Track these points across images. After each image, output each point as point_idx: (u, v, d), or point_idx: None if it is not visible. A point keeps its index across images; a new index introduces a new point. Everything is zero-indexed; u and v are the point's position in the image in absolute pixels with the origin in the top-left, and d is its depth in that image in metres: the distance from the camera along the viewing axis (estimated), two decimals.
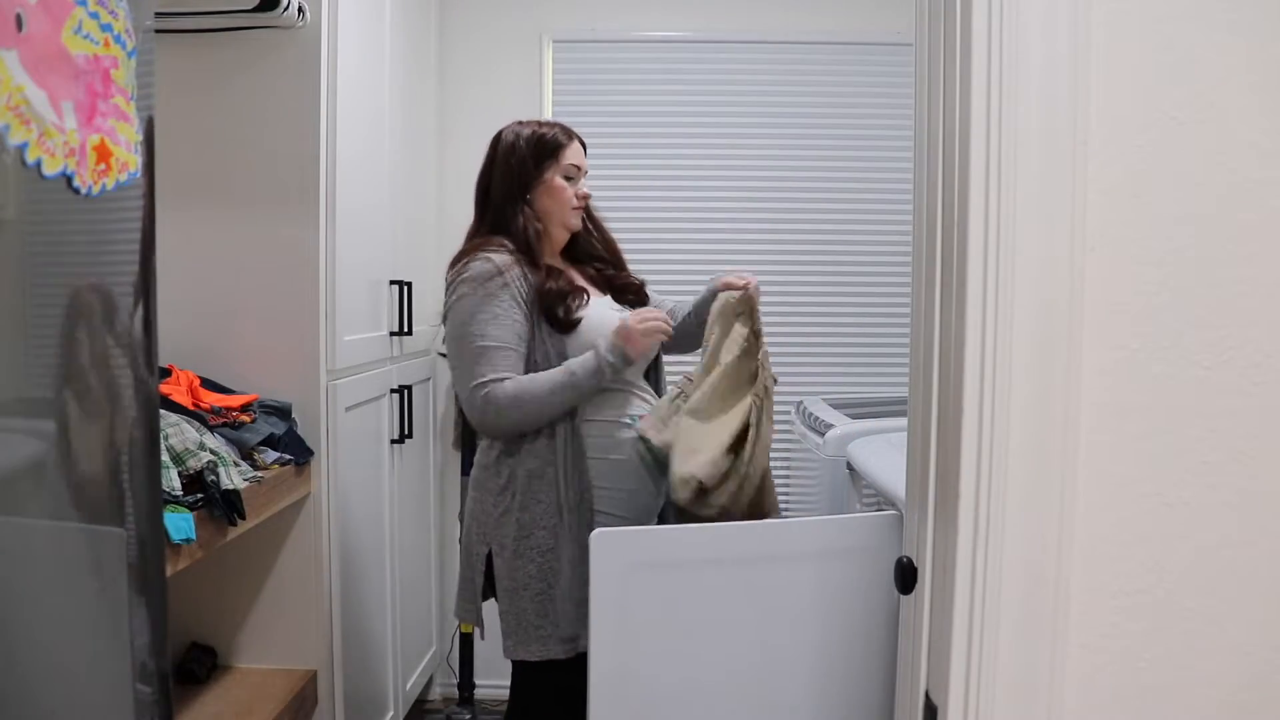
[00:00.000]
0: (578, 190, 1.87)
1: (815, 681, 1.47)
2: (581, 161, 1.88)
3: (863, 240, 2.94)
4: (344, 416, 2.10)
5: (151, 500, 1.05)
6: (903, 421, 1.14)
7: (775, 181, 2.94)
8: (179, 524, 1.46)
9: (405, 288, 2.44)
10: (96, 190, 0.89)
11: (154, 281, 1.02)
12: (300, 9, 1.92)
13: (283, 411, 1.95)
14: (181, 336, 1.88)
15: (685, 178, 2.95)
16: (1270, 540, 0.93)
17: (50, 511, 0.87)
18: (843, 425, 2.29)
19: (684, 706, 1.47)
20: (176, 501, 1.50)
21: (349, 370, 2.14)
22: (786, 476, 2.96)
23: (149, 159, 0.99)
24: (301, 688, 1.95)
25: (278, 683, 1.95)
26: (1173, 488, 0.93)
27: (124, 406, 0.97)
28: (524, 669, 1.80)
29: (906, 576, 1.07)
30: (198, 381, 1.87)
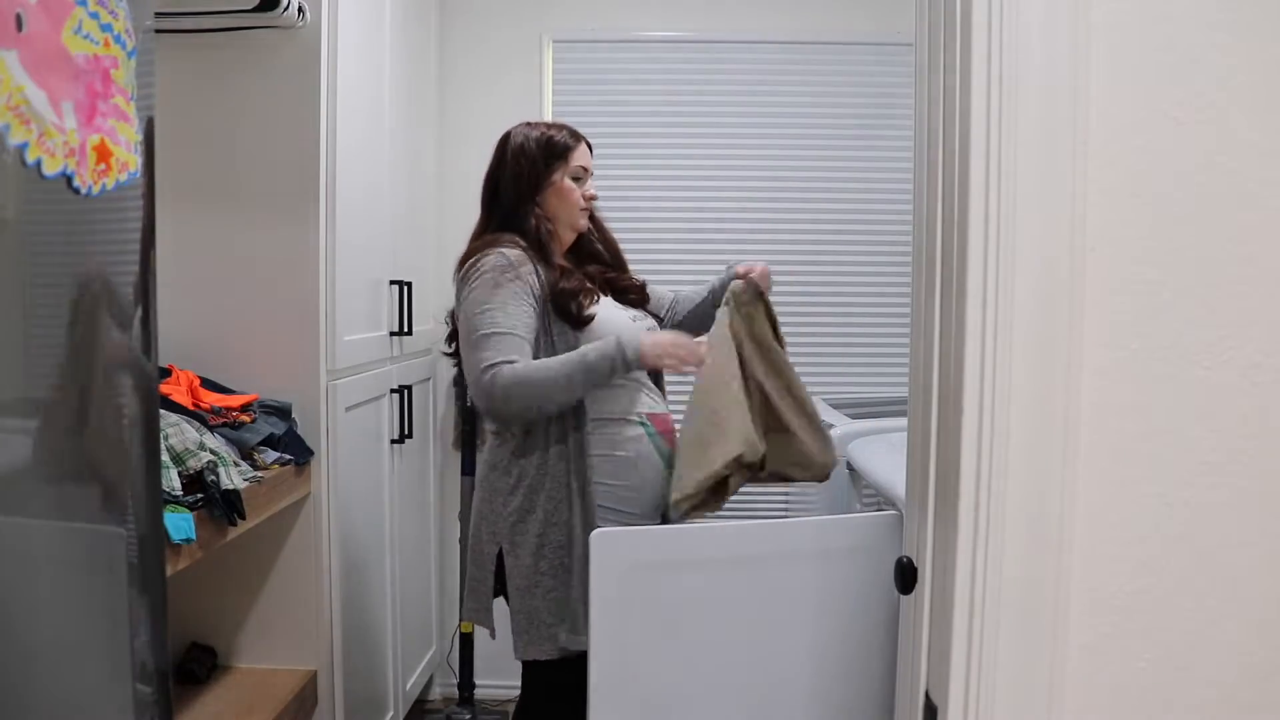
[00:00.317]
0: (585, 191, 1.89)
1: (815, 681, 1.47)
2: (588, 163, 1.90)
3: (863, 240, 2.94)
4: (344, 416, 2.10)
5: (151, 500, 1.05)
6: (903, 421, 1.14)
7: (775, 181, 2.94)
8: (179, 524, 1.46)
9: (405, 288, 2.44)
10: (96, 190, 0.89)
11: (154, 281, 1.02)
12: (300, 9, 1.92)
13: (283, 411, 1.95)
14: (181, 336, 1.88)
15: (685, 178, 2.95)
16: (1270, 540, 0.93)
17: (50, 511, 0.87)
18: (843, 425, 2.29)
19: (684, 706, 1.47)
20: (176, 501, 1.50)
21: (349, 370, 2.14)
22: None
23: (149, 159, 0.99)
24: (301, 688, 1.95)
25: (278, 683, 1.95)
26: (1173, 488, 0.93)
27: (124, 406, 0.97)
28: (535, 668, 1.80)
29: (906, 576, 1.07)
30: (198, 381, 1.87)
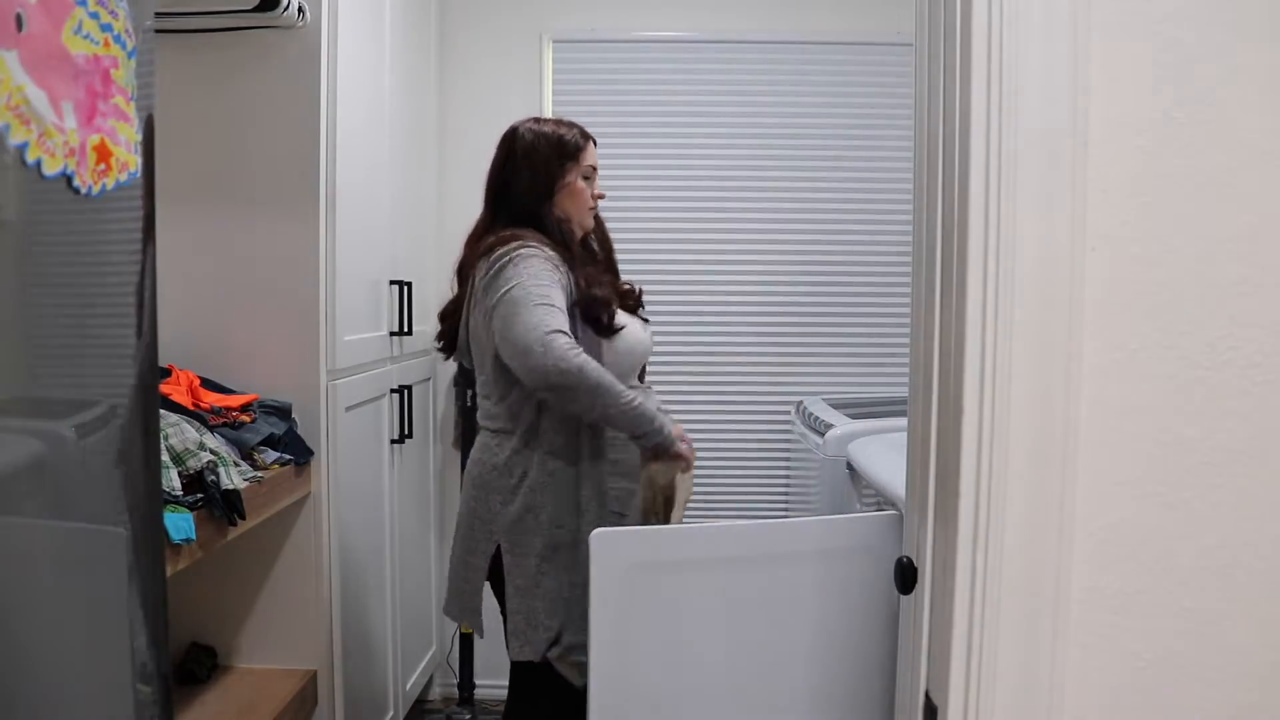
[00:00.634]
0: (594, 191, 1.89)
1: (815, 681, 1.47)
2: (596, 162, 1.90)
3: (863, 240, 2.94)
4: (344, 416, 2.10)
5: (151, 500, 1.05)
6: (903, 421, 1.14)
7: (775, 181, 2.94)
8: (179, 524, 1.46)
9: (405, 288, 2.44)
10: (96, 190, 0.89)
11: (154, 281, 1.02)
12: (300, 9, 1.92)
13: (283, 411, 1.95)
14: (181, 336, 1.88)
15: (685, 177, 2.95)
16: (1270, 540, 0.93)
17: (50, 511, 0.87)
18: (843, 425, 2.30)
19: (684, 706, 1.47)
20: (176, 501, 1.50)
21: (349, 370, 2.14)
22: (786, 476, 2.96)
23: (149, 159, 0.99)
24: (301, 688, 1.95)
25: (278, 683, 1.95)
26: (1173, 488, 0.93)
27: (124, 406, 0.97)
28: (527, 669, 1.79)
29: (906, 576, 1.07)
30: (198, 381, 1.87)
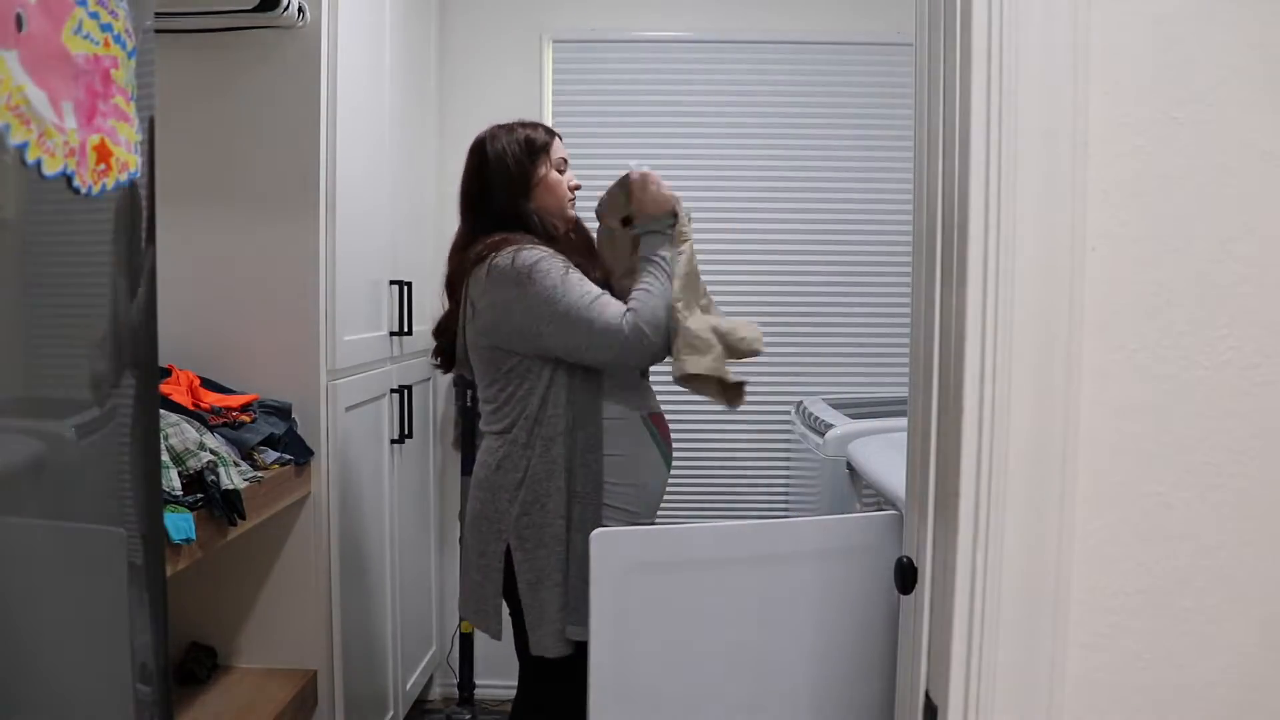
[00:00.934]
0: (570, 181, 1.92)
1: (815, 681, 1.47)
2: (566, 155, 1.93)
3: (863, 240, 2.94)
4: (344, 416, 2.10)
5: (151, 500, 1.05)
6: (903, 421, 1.14)
7: (775, 181, 2.94)
8: (179, 524, 1.46)
9: (405, 288, 2.44)
10: (96, 190, 0.89)
11: (154, 281, 1.02)
12: (300, 9, 1.92)
13: (283, 411, 1.95)
14: (181, 336, 1.88)
15: (685, 178, 2.93)
16: (1270, 540, 0.93)
17: (50, 511, 0.87)
18: (843, 425, 2.30)
19: (684, 706, 1.47)
20: (176, 501, 1.50)
21: (349, 370, 2.14)
22: (786, 476, 2.96)
23: (149, 159, 0.99)
24: (301, 688, 1.95)
25: (278, 683, 1.95)
26: (1173, 488, 0.93)
27: (124, 406, 0.97)
28: (539, 663, 1.80)
29: (906, 576, 1.07)
30: (198, 381, 1.87)
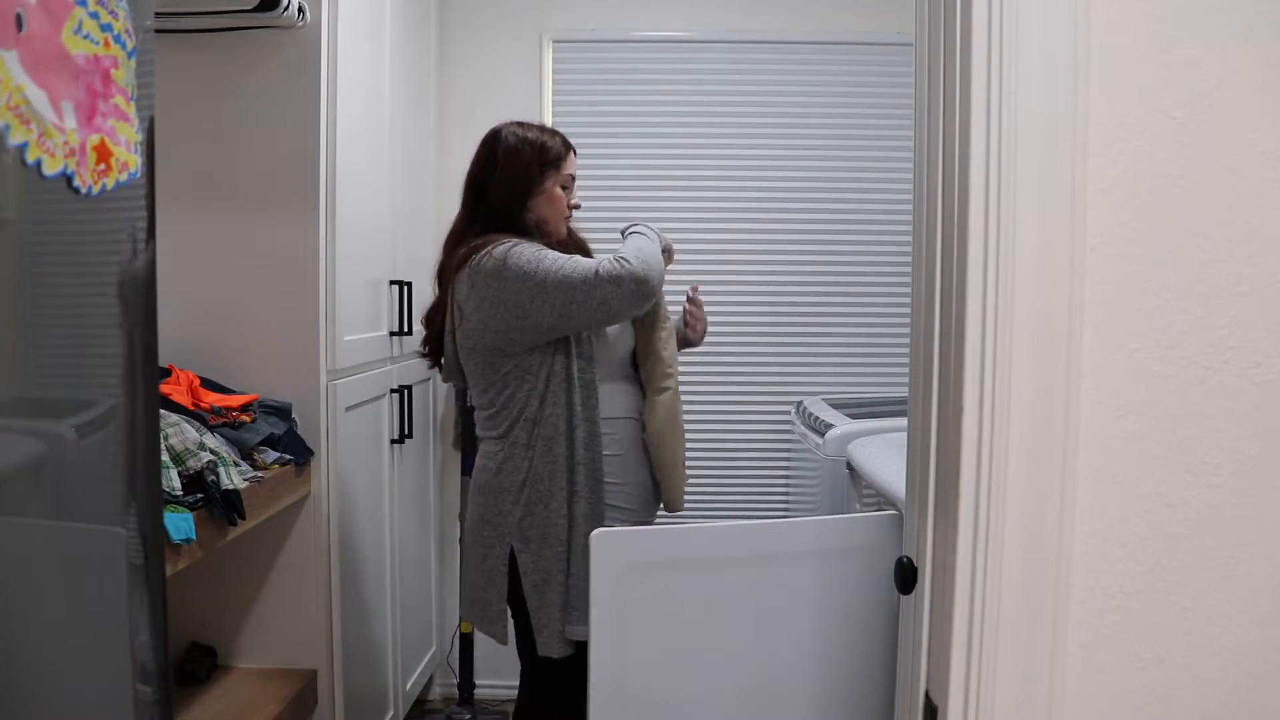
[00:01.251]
0: (570, 200, 1.91)
1: (815, 681, 1.47)
2: (575, 172, 1.92)
3: (863, 240, 2.94)
4: (344, 416, 2.10)
5: (151, 500, 1.05)
6: (903, 421, 1.14)
7: (775, 181, 2.94)
8: (179, 524, 1.46)
9: (405, 288, 2.44)
10: (96, 190, 0.89)
11: (154, 281, 1.02)
12: (300, 9, 1.92)
13: (283, 411, 1.95)
14: (181, 336, 1.88)
15: (685, 178, 2.95)
16: (1270, 540, 0.93)
17: (50, 511, 0.87)
18: (843, 425, 2.30)
19: (684, 706, 1.47)
20: (176, 501, 1.50)
21: (349, 370, 2.14)
22: (786, 476, 2.96)
23: (149, 159, 0.99)
24: (301, 688, 1.95)
25: (278, 683, 1.95)
26: (1173, 488, 0.93)
27: (124, 406, 0.97)
28: (544, 664, 1.80)
29: (906, 576, 1.07)
30: (198, 381, 1.87)
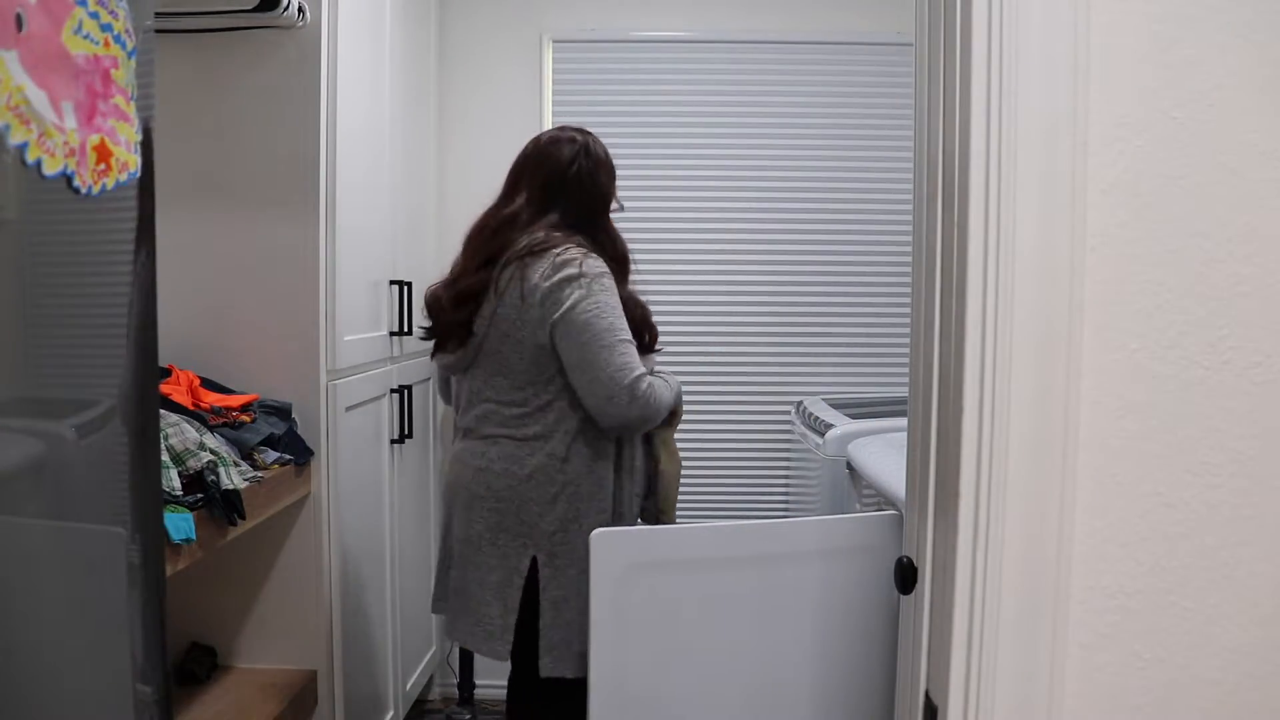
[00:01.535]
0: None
1: (815, 681, 1.47)
2: None
3: (863, 240, 2.94)
4: (344, 416, 2.10)
5: (151, 500, 1.05)
6: (903, 421, 1.14)
7: (775, 181, 2.94)
8: (179, 524, 1.46)
9: (405, 288, 2.44)
10: (96, 190, 0.89)
11: (154, 281, 1.02)
12: (300, 9, 1.92)
13: (283, 411, 1.95)
14: (181, 336, 1.88)
15: (685, 178, 2.95)
16: (1270, 540, 0.93)
17: (50, 511, 0.87)
18: (843, 425, 2.30)
19: (683, 706, 1.47)
20: (176, 501, 1.49)
21: (349, 370, 2.14)
22: (786, 476, 2.96)
23: (149, 159, 0.99)
24: (301, 688, 1.95)
25: (278, 683, 1.95)
26: (1173, 488, 0.93)
27: (124, 406, 0.97)
28: (561, 685, 1.75)
29: (906, 576, 1.07)
30: (198, 381, 1.87)
